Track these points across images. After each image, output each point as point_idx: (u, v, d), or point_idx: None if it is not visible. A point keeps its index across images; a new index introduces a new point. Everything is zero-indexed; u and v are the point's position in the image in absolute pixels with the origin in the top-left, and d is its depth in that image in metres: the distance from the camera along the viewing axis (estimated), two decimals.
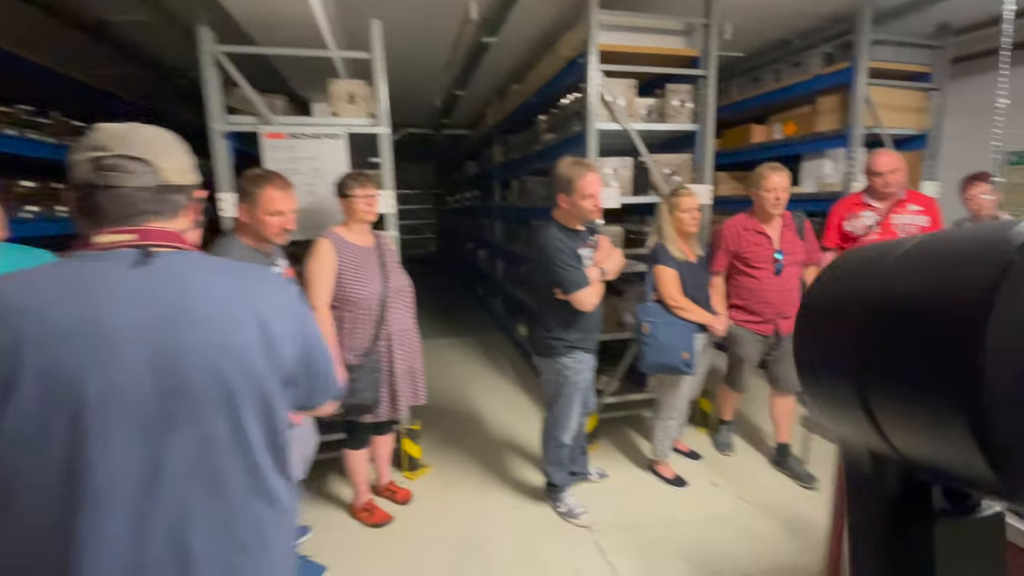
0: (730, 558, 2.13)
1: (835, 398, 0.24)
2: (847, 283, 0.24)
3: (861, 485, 0.26)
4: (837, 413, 0.25)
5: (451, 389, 4.07)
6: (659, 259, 2.46)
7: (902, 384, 0.20)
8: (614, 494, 2.61)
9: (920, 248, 0.22)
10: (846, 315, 0.23)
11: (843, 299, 0.24)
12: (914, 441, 0.21)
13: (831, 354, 0.24)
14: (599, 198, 2.05)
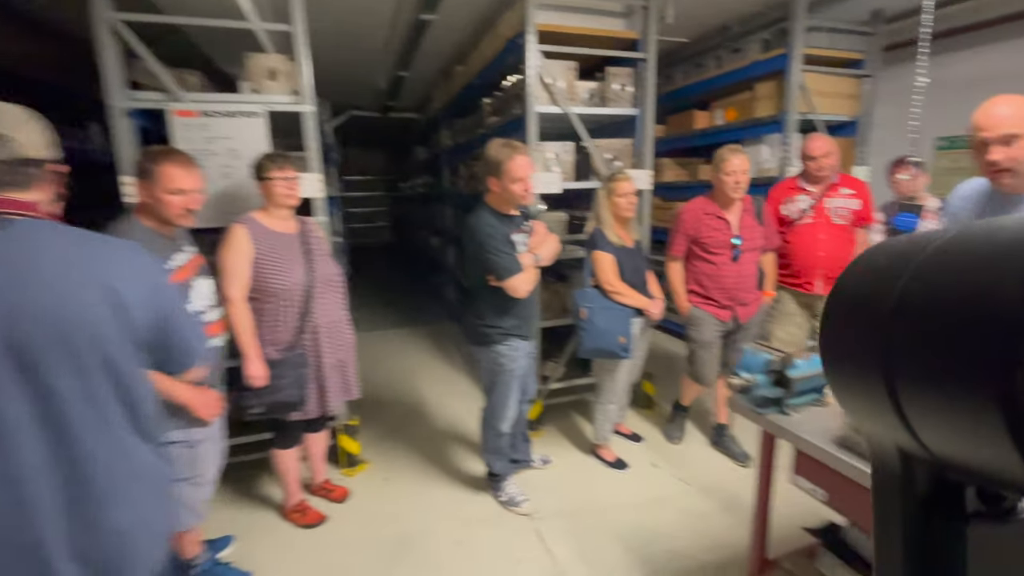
0: (666, 539, 2.16)
1: (862, 393, 0.23)
2: (878, 275, 0.23)
3: (888, 484, 0.25)
4: (864, 409, 0.24)
5: (398, 381, 3.97)
6: (596, 244, 2.44)
7: (934, 379, 0.19)
8: (557, 480, 2.60)
9: (957, 240, 0.21)
10: (877, 308, 0.22)
11: (874, 292, 0.23)
12: (946, 439, 0.20)
13: (859, 347, 0.23)
14: (530, 182, 1.98)
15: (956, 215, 1.63)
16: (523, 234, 2.11)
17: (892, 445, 0.23)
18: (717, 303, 2.51)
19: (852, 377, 0.24)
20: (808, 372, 1.48)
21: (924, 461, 0.22)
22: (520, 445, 2.58)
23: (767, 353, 1.46)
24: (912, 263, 0.21)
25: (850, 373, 0.24)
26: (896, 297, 0.21)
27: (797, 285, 2.72)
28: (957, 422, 0.19)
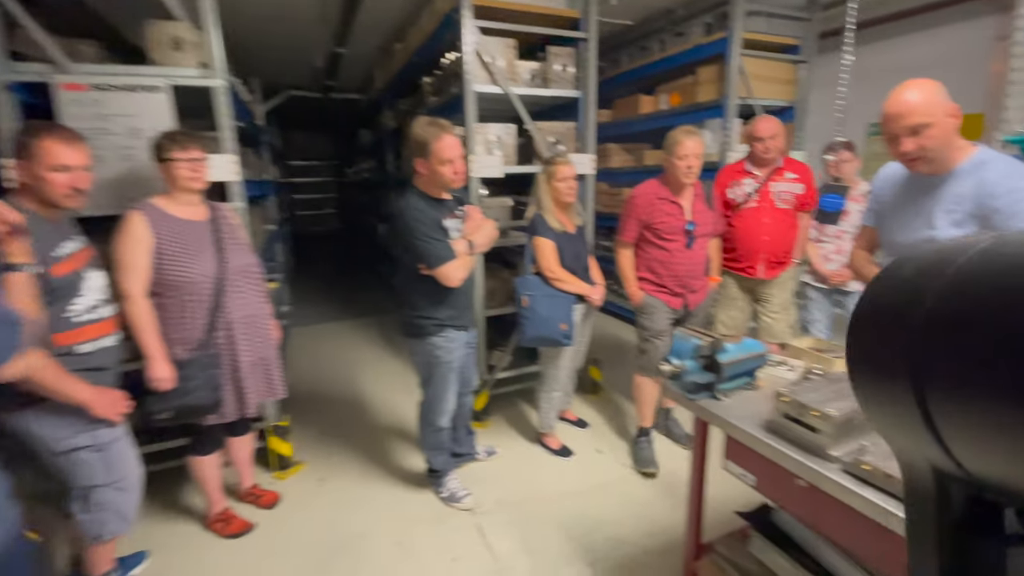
0: (608, 525, 2.14)
1: (892, 409, 0.22)
2: (906, 287, 0.22)
3: (922, 504, 0.23)
4: (894, 425, 0.23)
5: (339, 376, 3.80)
6: (537, 230, 2.36)
7: (970, 396, 0.18)
8: (501, 471, 2.54)
9: (992, 251, 0.19)
10: (906, 321, 0.21)
11: (902, 305, 0.22)
12: (983, 458, 0.19)
13: (888, 362, 0.22)
14: (460, 163, 1.87)
15: (880, 197, 1.65)
16: (456, 219, 2.00)
17: (925, 463, 0.22)
18: (669, 290, 2.42)
19: (881, 393, 0.23)
20: (738, 356, 1.46)
21: (959, 480, 0.21)
22: (463, 438, 2.50)
23: (696, 338, 1.43)
24: (944, 274, 0.20)
25: (879, 389, 0.23)
26: (927, 310, 0.20)
27: (740, 269, 2.73)
28: (995, 440, 0.18)
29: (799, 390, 1.26)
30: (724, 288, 2.80)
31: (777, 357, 1.70)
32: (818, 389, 1.27)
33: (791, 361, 1.68)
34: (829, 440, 1.14)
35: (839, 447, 1.16)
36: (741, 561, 1.56)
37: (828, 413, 1.14)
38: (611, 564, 1.93)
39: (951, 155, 1.42)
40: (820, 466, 1.13)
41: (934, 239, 1.45)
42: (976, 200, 1.37)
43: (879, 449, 1.09)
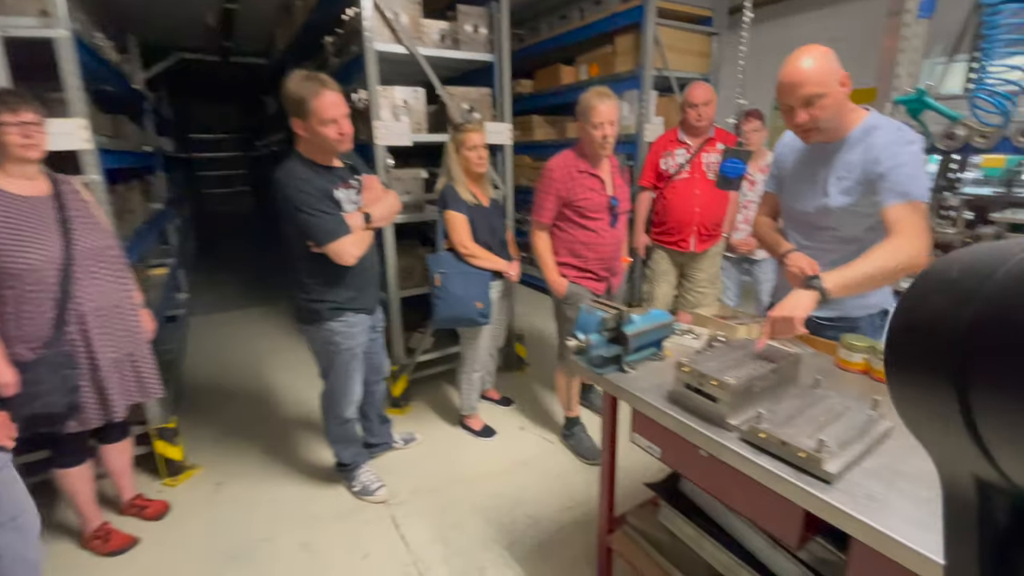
0: (527, 503, 2.10)
1: (933, 415, 0.21)
2: (951, 289, 0.21)
3: (963, 515, 0.22)
4: (936, 433, 0.21)
5: (242, 368, 3.50)
6: (447, 203, 2.22)
7: (1018, 402, 0.17)
8: (420, 458, 2.43)
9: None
10: (951, 324, 0.20)
11: (948, 307, 0.20)
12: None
13: (930, 367, 0.21)
14: (346, 124, 1.67)
15: (781, 163, 1.66)
16: (351, 190, 1.81)
17: (967, 473, 0.21)
18: (595, 275, 2.21)
19: (922, 398, 0.22)
20: (644, 327, 1.42)
21: (1004, 492, 0.20)
22: (377, 428, 2.36)
23: (602, 311, 1.37)
24: (993, 276, 0.19)
25: (919, 394, 0.22)
26: (974, 313, 0.19)
27: (672, 243, 2.71)
28: None
29: (700, 359, 1.23)
30: (656, 263, 2.80)
31: (684, 326, 1.70)
32: (718, 357, 1.25)
33: (697, 329, 1.68)
34: (728, 409, 1.13)
35: (737, 415, 1.14)
36: (651, 531, 1.56)
37: (726, 381, 1.12)
38: (529, 543, 1.90)
39: (843, 122, 1.43)
40: (718, 435, 1.11)
41: (827, 208, 1.47)
42: (863, 167, 1.39)
43: (775, 416, 1.08)
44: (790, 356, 1.25)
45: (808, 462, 0.97)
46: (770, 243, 1.67)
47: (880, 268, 1.29)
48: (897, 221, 1.31)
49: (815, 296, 1.28)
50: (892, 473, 0.98)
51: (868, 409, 1.11)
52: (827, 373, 1.39)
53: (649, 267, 2.84)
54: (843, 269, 1.31)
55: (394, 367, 2.75)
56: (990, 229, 1.98)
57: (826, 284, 1.28)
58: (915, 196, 1.31)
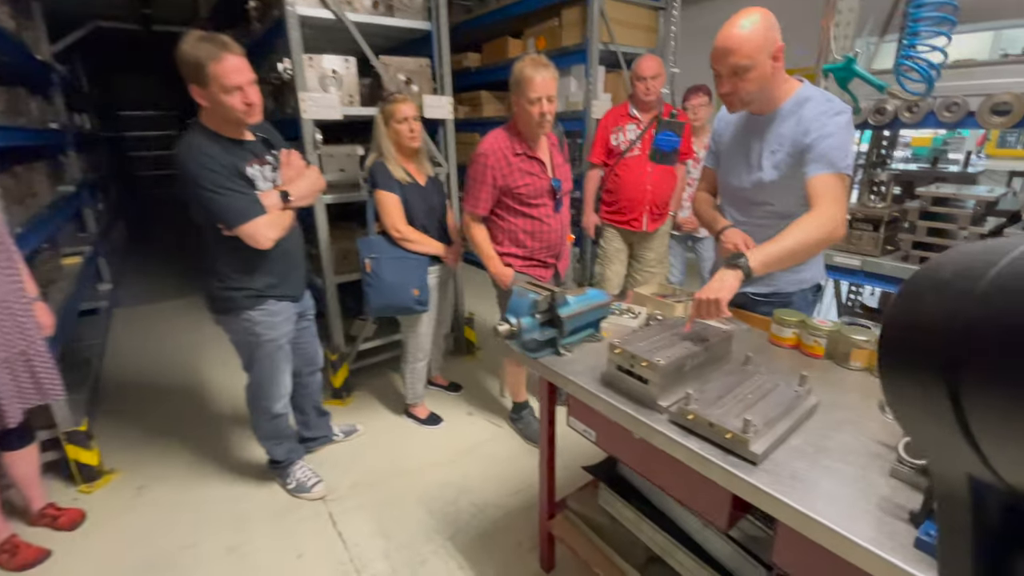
0: (472, 491, 2.05)
1: (928, 416, 0.21)
2: (944, 291, 0.21)
3: (956, 513, 0.22)
4: (930, 432, 0.22)
5: (172, 362, 3.27)
6: (377, 182, 2.08)
7: (1010, 402, 0.17)
8: (362, 450, 2.33)
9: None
10: (945, 327, 0.20)
11: (941, 310, 0.20)
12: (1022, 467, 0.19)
13: (924, 369, 0.21)
14: (252, 91, 1.50)
15: (718, 137, 1.62)
16: (265, 166, 1.66)
17: (960, 472, 0.21)
18: (541, 263, 2.07)
19: (916, 399, 0.22)
20: (579, 308, 1.36)
21: (996, 490, 0.20)
22: (314, 421, 2.24)
23: (534, 293, 1.30)
24: (985, 276, 0.19)
25: (914, 394, 0.22)
26: (967, 316, 0.19)
27: (624, 223, 2.65)
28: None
29: (632, 340, 1.19)
30: (607, 242, 2.74)
31: (623, 305, 1.66)
32: (652, 337, 1.21)
33: (636, 308, 1.64)
34: (658, 390, 1.09)
35: (668, 396, 1.11)
36: (592, 515, 1.54)
37: (655, 362, 1.07)
38: (472, 533, 1.85)
39: (775, 94, 1.40)
40: (648, 418, 1.07)
41: (761, 182, 1.45)
42: (793, 138, 1.37)
43: (705, 396, 1.05)
44: (722, 334, 1.22)
45: (734, 443, 0.94)
46: (708, 220, 1.65)
47: (802, 242, 1.27)
48: (819, 192, 1.30)
49: (739, 275, 1.26)
50: (817, 450, 0.96)
51: (796, 386, 1.10)
52: (760, 349, 1.38)
53: (601, 247, 2.79)
54: (766, 245, 1.29)
55: (333, 356, 2.62)
56: (916, 203, 2.04)
57: (750, 262, 1.26)
58: (839, 167, 1.30)
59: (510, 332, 1.28)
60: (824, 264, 1.63)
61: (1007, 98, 1.75)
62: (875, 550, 0.73)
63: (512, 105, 1.93)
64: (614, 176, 2.62)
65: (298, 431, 2.22)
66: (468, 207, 1.97)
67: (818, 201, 1.29)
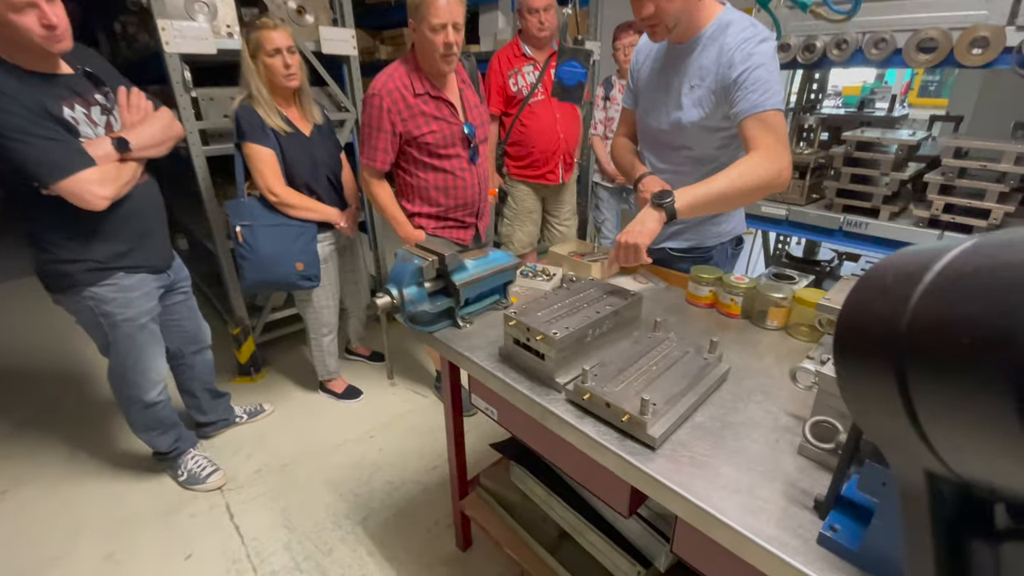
0: (387, 468, 1.92)
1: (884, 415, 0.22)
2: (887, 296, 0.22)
3: (915, 506, 0.23)
4: (886, 431, 0.23)
5: (37, 346, 2.87)
6: (245, 132, 1.75)
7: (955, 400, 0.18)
8: (271, 432, 2.13)
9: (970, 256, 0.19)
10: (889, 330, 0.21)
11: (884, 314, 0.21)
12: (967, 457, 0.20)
13: (874, 372, 0.22)
14: (52, 11, 1.17)
15: (636, 74, 1.45)
16: (93, 107, 1.33)
17: (917, 467, 0.22)
18: (459, 222, 1.82)
19: (871, 399, 0.23)
20: (478, 273, 1.19)
21: (949, 481, 0.21)
22: (208, 404, 2.00)
23: (419, 258, 1.12)
24: (923, 280, 0.20)
25: (868, 395, 0.23)
26: (910, 315, 0.20)
27: (538, 176, 2.43)
28: (977, 439, 0.18)
29: (530, 309, 1.04)
30: (518, 201, 2.52)
31: (538, 267, 1.50)
32: (554, 304, 1.07)
33: (551, 269, 1.49)
34: (555, 365, 0.95)
35: (567, 372, 0.97)
36: (504, 492, 1.43)
37: (551, 335, 0.93)
38: (386, 514, 1.72)
39: (695, 19, 1.23)
40: (543, 398, 0.94)
41: (680, 123, 1.29)
42: (716, 71, 1.21)
43: (605, 370, 0.93)
44: (631, 298, 1.09)
45: (631, 425, 0.82)
46: (626, 167, 1.49)
47: (738, 187, 1.14)
48: (755, 136, 1.16)
49: (662, 217, 1.13)
50: (722, 426, 0.86)
51: (706, 353, 0.99)
52: (676, 310, 1.28)
53: (510, 207, 2.55)
54: (695, 187, 1.15)
55: (234, 330, 2.36)
56: (841, 149, 1.97)
57: (677, 203, 1.13)
58: (772, 104, 1.16)
59: (389, 306, 1.10)
60: (744, 214, 1.52)
61: (933, 34, 1.66)
62: (774, 550, 0.63)
63: (411, 35, 1.62)
64: (520, 127, 2.34)
65: (191, 416, 1.99)
66: (365, 160, 1.68)
67: (758, 143, 1.15)
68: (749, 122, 1.17)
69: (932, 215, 1.78)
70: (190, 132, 2.07)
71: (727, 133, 1.27)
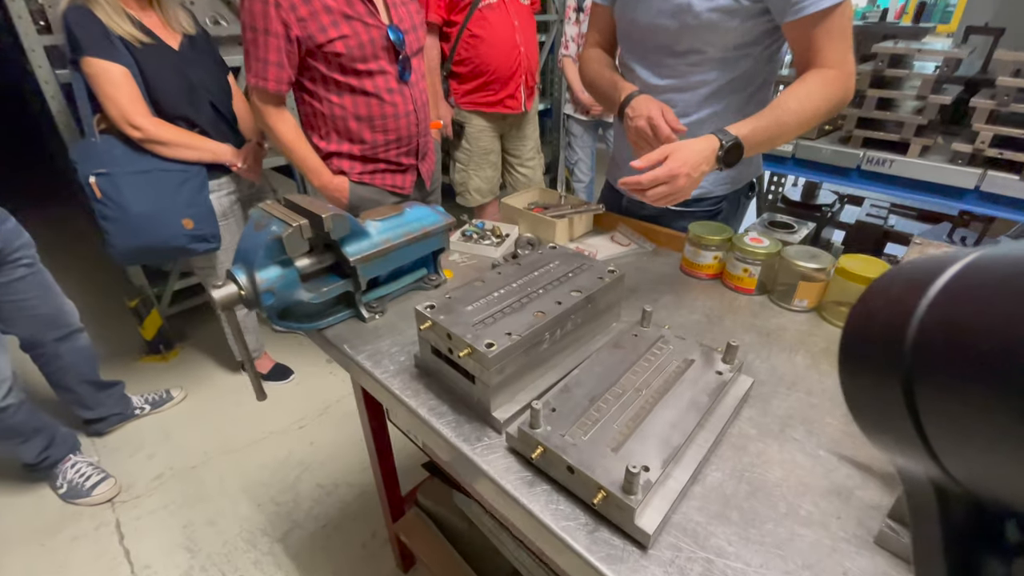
0: (317, 466, 1.61)
1: (891, 429, 0.21)
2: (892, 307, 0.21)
3: (925, 520, 0.22)
4: (894, 444, 0.22)
5: None
6: (81, 44, 1.25)
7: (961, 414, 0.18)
8: (180, 424, 1.79)
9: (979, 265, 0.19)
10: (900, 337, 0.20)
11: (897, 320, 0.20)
12: (975, 471, 0.19)
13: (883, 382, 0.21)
14: None
15: None
16: None
17: (925, 480, 0.22)
18: (395, 166, 1.40)
19: (879, 414, 0.22)
20: (385, 242, 0.82)
21: (958, 495, 0.21)
22: (92, 398, 1.63)
23: (279, 221, 0.73)
24: (928, 291, 0.20)
25: (876, 409, 0.23)
26: (917, 327, 0.20)
27: (495, 104, 1.99)
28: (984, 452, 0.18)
29: (457, 299, 0.68)
30: (475, 139, 2.04)
31: (486, 224, 1.13)
32: (494, 290, 0.71)
33: (504, 228, 1.12)
34: (491, 392, 0.61)
35: (509, 403, 0.63)
36: (447, 515, 1.13)
37: (481, 350, 0.58)
38: (312, 528, 1.43)
39: None
40: (471, 445, 0.61)
41: (690, 10, 0.89)
42: None
43: (567, 402, 0.59)
44: (612, 276, 0.74)
45: (610, 508, 0.50)
46: (603, 87, 1.08)
47: (809, 111, 0.83)
48: (820, 39, 0.82)
49: (716, 148, 0.80)
50: (750, 490, 0.54)
51: (719, 361, 0.66)
52: (668, 283, 0.94)
53: (462, 149, 2.08)
54: (756, 117, 0.83)
55: (132, 303, 1.94)
56: (868, 66, 1.59)
57: (740, 132, 0.81)
58: None
59: (228, 299, 0.72)
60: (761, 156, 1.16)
61: None
62: None
63: None
64: (469, 38, 1.87)
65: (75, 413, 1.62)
66: (253, 79, 1.22)
67: (821, 53, 0.83)
68: (812, 24, 0.80)
69: (976, 149, 1.45)
70: (32, 51, 1.56)
71: (752, 26, 0.89)
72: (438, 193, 1.67)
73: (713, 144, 0.80)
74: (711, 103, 0.97)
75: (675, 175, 0.76)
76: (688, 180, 0.77)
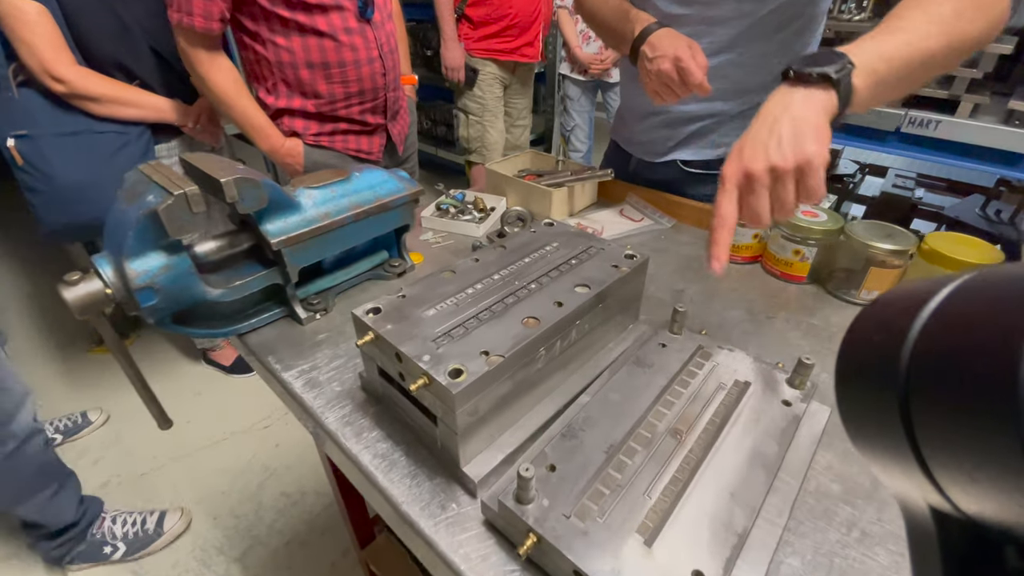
0: (284, 471, 1.44)
1: (889, 454, 0.21)
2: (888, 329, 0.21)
3: (924, 546, 0.22)
4: (892, 469, 0.21)
5: None
6: None
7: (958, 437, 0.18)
8: (132, 425, 1.59)
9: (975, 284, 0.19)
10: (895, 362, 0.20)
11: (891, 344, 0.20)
12: (973, 496, 0.18)
13: (879, 407, 0.20)
14: None
15: None
16: None
17: (924, 506, 0.21)
18: (359, 125, 1.17)
19: (876, 439, 0.22)
20: (328, 215, 0.61)
21: (957, 520, 0.20)
22: None
23: (156, 188, 0.51)
24: (920, 314, 0.19)
25: (873, 435, 0.22)
26: (911, 352, 0.19)
27: (511, 52, 1.83)
28: (983, 478, 0.17)
29: (412, 303, 0.48)
30: (487, 90, 1.86)
31: (468, 195, 0.92)
32: (468, 286, 0.50)
33: (488, 200, 0.91)
34: (459, 439, 0.41)
35: (484, 452, 0.44)
36: None
37: (439, 382, 0.38)
38: (275, 544, 1.25)
39: None
40: (431, 519, 0.41)
41: None
42: None
43: (571, 462, 0.40)
44: (634, 262, 0.53)
45: None
46: (609, 16, 0.84)
47: (951, 42, 0.53)
48: None
49: (832, 102, 0.50)
50: None
51: (784, 391, 0.46)
52: (696, 270, 0.74)
53: (476, 96, 1.92)
54: (874, 38, 0.52)
55: None
56: None
57: (860, 59, 0.50)
58: None
59: (96, 298, 0.51)
60: None
61: None
62: None
63: None
64: None
65: None
66: (175, 16, 0.98)
67: None
68: None
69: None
70: None
71: None
72: (415, 161, 1.44)
73: (819, 96, 0.49)
74: (739, 44, 0.75)
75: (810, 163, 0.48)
76: (819, 161, 0.49)
